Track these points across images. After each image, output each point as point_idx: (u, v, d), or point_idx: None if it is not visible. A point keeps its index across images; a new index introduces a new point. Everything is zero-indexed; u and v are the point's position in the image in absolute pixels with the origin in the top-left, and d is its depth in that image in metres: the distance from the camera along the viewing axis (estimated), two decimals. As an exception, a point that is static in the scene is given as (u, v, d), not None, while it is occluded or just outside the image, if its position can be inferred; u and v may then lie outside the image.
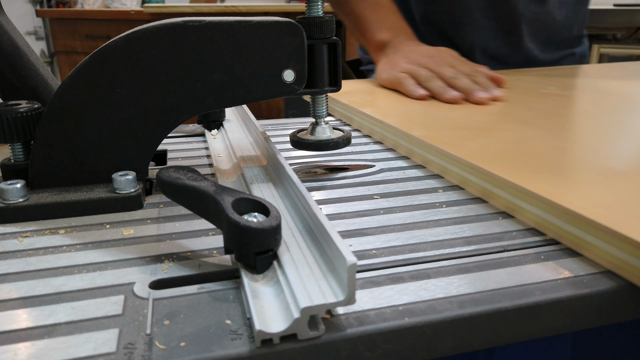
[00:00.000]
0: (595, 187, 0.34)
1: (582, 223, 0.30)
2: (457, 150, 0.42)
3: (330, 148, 0.43)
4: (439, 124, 0.51)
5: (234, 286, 0.27)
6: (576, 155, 0.42)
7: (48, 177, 0.37)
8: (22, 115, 0.36)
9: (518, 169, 0.38)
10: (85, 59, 0.35)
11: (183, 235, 0.33)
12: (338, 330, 0.24)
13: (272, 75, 0.37)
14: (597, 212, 0.29)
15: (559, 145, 0.43)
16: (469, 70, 0.66)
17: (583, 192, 0.33)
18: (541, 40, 0.90)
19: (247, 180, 0.39)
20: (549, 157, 0.40)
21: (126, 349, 0.22)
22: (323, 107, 0.44)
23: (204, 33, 0.35)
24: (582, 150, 0.43)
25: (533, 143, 0.44)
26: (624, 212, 0.30)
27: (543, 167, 0.38)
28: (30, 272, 0.29)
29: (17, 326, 0.24)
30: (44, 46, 3.45)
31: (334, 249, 0.24)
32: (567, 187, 0.34)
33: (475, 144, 0.44)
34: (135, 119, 0.36)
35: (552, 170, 0.38)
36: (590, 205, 0.30)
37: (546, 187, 0.33)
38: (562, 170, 0.38)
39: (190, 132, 0.58)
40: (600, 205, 0.30)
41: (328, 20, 0.40)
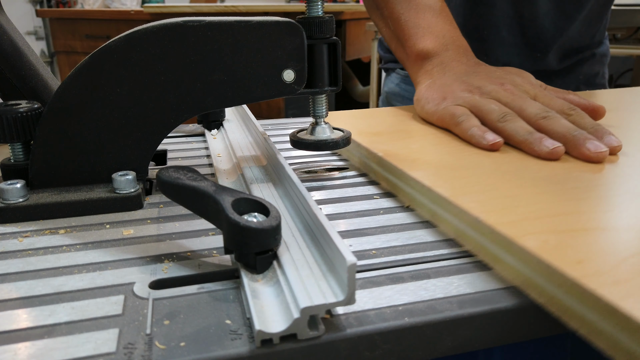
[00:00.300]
0: (519, 204, 0.32)
1: (492, 235, 0.29)
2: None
3: (330, 148, 0.43)
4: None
5: (233, 286, 0.27)
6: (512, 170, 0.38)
7: (48, 177, 0.37)
8: (22, 115, 0.36)
9: (445, 179, 0.36)
10: (85, 59, 0.35)
11: (183, 235, 0.33)
12: (338, 330, 0.24)
13: (272, 75, 0.37)
14: (506, 227, 0.28)
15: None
16: (561, 105, 0.46)
17: (504, 209, 0.31)
18: (563, 52, 0.81)
19: (247, 180, 0.39)
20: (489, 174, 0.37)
21: (126, 349, 0.22)
22: (323, 107, 0.44)
23: (203, 33, 0.35)
24: (518, 168, 0.38)
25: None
26: (531, 228, 0.29)
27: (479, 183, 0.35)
28: (30, 272, 0.29)
29: (17, 326, 0.24)
30: (44, 46, 3.45)
31: (334, 249, 0.24)
32: (491, 204, 0.32)
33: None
34: (135, 119, 0.36)
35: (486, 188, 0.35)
36: (503, 221, 0.29)
37: (466, 200, 0.32)
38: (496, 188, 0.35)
39: (190, 132, 0.58)
40: (513, 222, 0.29)
41: (328, 20, 0.40)
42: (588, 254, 0.26)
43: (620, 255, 0.26)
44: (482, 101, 0.46)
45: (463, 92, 0.49)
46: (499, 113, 0.44)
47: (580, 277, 0.24)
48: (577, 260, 0.25)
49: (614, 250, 0.26)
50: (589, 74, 0.82)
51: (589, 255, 0.26)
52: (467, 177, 0.37)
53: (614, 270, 0.24)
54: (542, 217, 0.30)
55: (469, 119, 0.45)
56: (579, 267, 0.24)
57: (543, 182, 0.35)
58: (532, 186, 0.35)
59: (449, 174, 0.37)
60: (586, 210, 0.31)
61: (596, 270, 0.24)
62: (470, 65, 0.54)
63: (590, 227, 0.29)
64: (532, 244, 0.27)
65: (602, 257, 0.26)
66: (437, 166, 0.39)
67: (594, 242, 0.27)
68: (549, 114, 0.43)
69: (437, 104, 0.50)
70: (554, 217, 0.30)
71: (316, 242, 0.28)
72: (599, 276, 0.24)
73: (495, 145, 0.42)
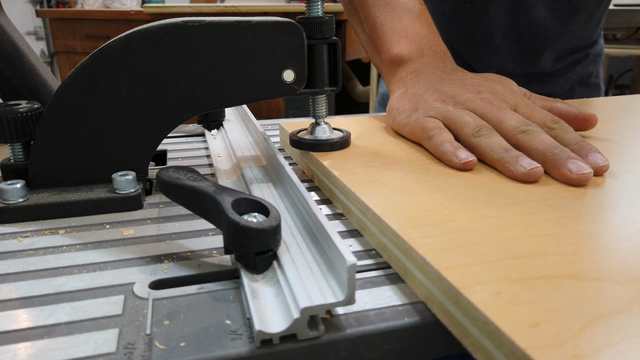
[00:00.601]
0: (478, 241, 0.28)
1: (438, 282, 0.25)
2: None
3: (330, 148, 0.43)
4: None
5: (233, 286, 0.27)
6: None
7: (48, 177, 0.37)
8: (22, 115, 0.36)
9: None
10: (85, 59, 0.35)
11: (183, 236, 0.33)
12: (338, 330, 0.24)
13: (272, 75, 0.37)
14: (455, 273, 0.24)
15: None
16: (543, 117, 0.42)
17: (458, 247, 0.27)
18: (557, 54, 0.79)
19: (247, 180, 0.39)
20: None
21: (126, 349, 0.22)
22: (323, 107, 0.44)
23: (203, 33, 0.35)
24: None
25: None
26: (485, 274, 0.24)
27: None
28: (30, 272, 0.29)
29: (17, 326, 0.24)
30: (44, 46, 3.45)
31: (334, 249, 0.24)
32: (444, 241, 0.28)
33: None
34: (135, 119, 0.36)
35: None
36: (452, 264, 0.25)
37: (417, 234, 0.28)
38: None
39: (190, 132, 0.58)
40: (463, 266, 0.25)
41: (328, 20, 0.40)
42: (549, 313, 0.21)
43: (589, 315, 0.21)
44: (456, 113, 0.42)
45: (436, 102, 0.44)
46: (473, 126, 0.40)
47: (530, 347, 0.19)
48: (532, 322, 0.20)
49: (583, 308, 0.21)
50: (584, 74, 0.82)
51: (549, 315, 0.21)
52: (427, 204, 0.32)
53: (575, 339, 0.19)
54: (503, 259, 0.25)
55: (440, 133, 0.41)
56: (533, 332, 0.20)
57: (512, 212, 0.31)
58: (499, 215, 0.30)
59: (407, 200, 0.33)
60: (555, 251, 0.26)
61: (553, 338, 0.19)
62: (446, 72, 0.50)
63: (558, 274, 0.24)
64: (482, 298, 0.22)
65: (565, 318, 0.21)
66: (396, 189, 0.35)
67: (558, 296, 0.22)
68: (528, 128, 0.39)
69: (408, 115, 0.45)
70: (516, 259, 0.25)
71: (316, 242, 0.28)
72: (556, 347, 0.19)
73: (468, 165, 0.37)
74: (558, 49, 0.78)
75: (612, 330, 0.20)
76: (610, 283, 0.23)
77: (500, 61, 0.77)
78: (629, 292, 0.22)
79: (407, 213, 0.31)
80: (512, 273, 0.24)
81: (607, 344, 0.19)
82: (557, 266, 0.25)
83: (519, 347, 0.19)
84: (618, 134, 0.48)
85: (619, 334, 0.20)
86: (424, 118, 0.44)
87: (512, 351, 0.20)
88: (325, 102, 0.44)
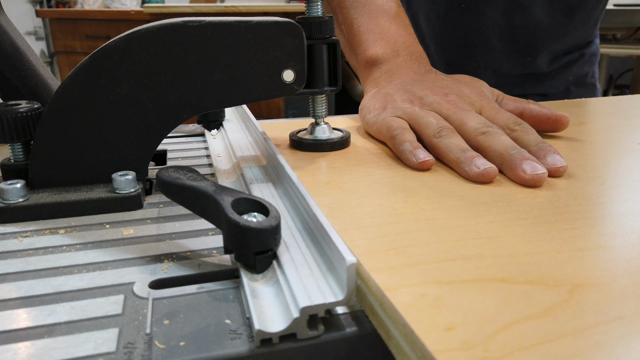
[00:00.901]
0: (416, 243, 0.27)
1: (368, 282, 0.24)
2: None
3: (330, 148, 0.43)
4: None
5: (233, 286, 0.27)
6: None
7: (48, 177, 0.37)
8: (22, 115, 0.36)
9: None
10: (85, 59, 0.35)
11: (183, 235, 0.33)
12: (337, 329, 0.24)
13: (271, 75, 0.37)
14: (383, 274, 0.24)
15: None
16: (506, 120, 0.42)
17: (392, 249, 0.27)
18: (554, 55, 0.79)
19: (247, 180, 0.39)
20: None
21: (126, 348, 0.22)
22: (322, 107, 0.44)
23: (203, 33, 0.35)
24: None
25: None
26: (414, 276, 0.24)
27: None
28: (30, 272, 0.29)
29: (17, 326, 0.24)
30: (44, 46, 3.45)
31: (334, 248, 0.24)
32: (380, 242, 0.28)
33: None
34: (135, 118, 0.36)
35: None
36: (382, 266, 0.25)
37: (355, 235, 0.28)
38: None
39: (190, 132, 0.58)
40: (394, 267, 0.25)
41: (327, 20, 0.40)
42: (467, 316, 0.21)
43: (507, 319, 0.21)
44: (421, 113, 0.43)
45: (403, 103, 0.45)
46: (435, 127, 0.41)
47: (439, 350, 0.19)
48: (447, 325, 0.20)
49: (503, 311, 0.21)
50: (579, 74, 0.81)
51: (467, 318, 0.21)
52: (376, 205, 0.32)
53: (486, 343, 0.19)
54: (436, 261, 0.25)
55: (403, 132, 0.41)
56: (445, 335, 0.20)
57: (459, 214, 0.31)
58: (445, 218, 0.30)
59: (357, 201, 0.33)
60: (491, 254, 0.26)
61: (464, 342, 0.19)
62: (419, 73, 0.50)
63: (488, 277, 0.24)
64: (404, 300, 0.22)
65: (482, 321, 0.20)
66: (348, 190, 0.35)
67: (481, 300, 0.22)
68: (488, 130, 0.39)
69: (376, 114, 0.46)
70: (450, 261, 0.25)
71: (316, 241, 0.28)
72: (465, 351, 0.19)
73: (424, 165, 0.38)
74: (554, 50, 0.78)
75: (527, 334, 0.20)
76: (538, 286, 0.23)
77: (495, 62, 0.76)
78: (556, 296, 0.22)
79: (353, 214, 0.31)
80: (442, 275, 0.24)
81: (518, 348, 0.19)
82: (489, 269, 0.25)
83: (428, 351, 0.19)
84: (591, 135, 0.48)
85: (534, 339, 0.19)
86: (390, 118, 0.44)
87: (423, 354, 0.19)
88: (325, 102, 0.44)
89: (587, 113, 0.59)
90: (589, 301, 0.22)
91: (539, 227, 0.29)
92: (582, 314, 0.21)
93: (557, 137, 0.48)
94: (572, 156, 0.42)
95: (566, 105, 0.63)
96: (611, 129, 0.50)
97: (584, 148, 0.44)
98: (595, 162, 0.40)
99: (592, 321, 0.21)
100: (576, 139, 0.46)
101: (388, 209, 0.32)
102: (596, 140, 0.46)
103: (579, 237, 0.28)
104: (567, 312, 0.21)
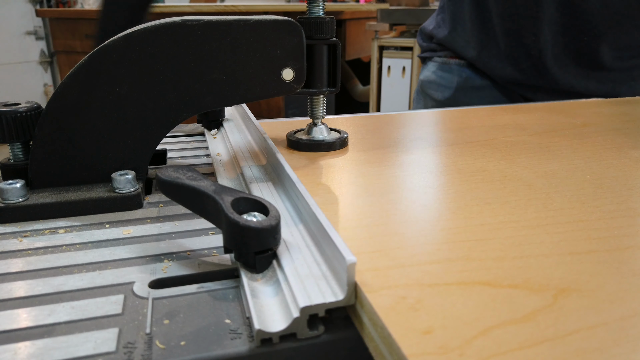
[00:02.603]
0: (404, 244, 0.27)
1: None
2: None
3: (327, 149, 0.43)
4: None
5: (233, 285, 0.27)
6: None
7: (48, 176, 0.37)
8: (22, 115, 0.36)
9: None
10: (85, 58, 0.35)
11: (182, 235, 0.33)
12: (337, 329, 0.24)
13: (271, 74, 0.37)
14: (365, 275, 0.24)
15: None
16: None
17: (380, 250, 0.27)
18: (617, 45, 0.75)
19: (247, 179, 0.39)
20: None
21: (126, 348, 0.22)
22: (321, 107, 0.44)
23: (202, 32, 0.35)
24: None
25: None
26: (398, 278, 0.24)
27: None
28: (30, 271, 0.29)
29: (17, 325, 0.24)
30: (44, 46, 3.45)
31: (334, 248, 0.24)
32: (369, 243, 0.27)
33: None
34: (135, 118, 0.36)
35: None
36: (366, 267, 0.25)
37: (346, 235, 0.28)
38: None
39: (190, 132, 0.58)
40: (377, 269, 0.25)
41: (328, 21, 0.40)
42: (447, 320, 0.20)
43: (488, 323, 0.20)
44: None
45: None
46: None
47: (415, 354, 0.18)
48: (426, 329, 0.20)
49: (484, 315, 0.21)
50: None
51: (446, 322, 0.20)
52: (367, 206, 0.32)
53: (463, 347, 0.19)
54: (421, 263, 0.25)
55: None
56: (423, 339, 0.19)
57: (450, 216, 0.31)
58: (434, 220, 0.30)
59: (346, 202, 0.33)
60: (478, 257, 0.26)
61: (440, 346, 0.19)
62: None
63: (472, 280, 0.23)
64: (383, 302, 0.22)
65: (461, 325, 0.20)
66: (341, 190, 0.35)
67: (463, 303, 0.22)
68: None
69: None
70: (435, 264, 0.25)
71: (316, 241, 0.28)
72: (441, 355, 0.19)
73: None
74: (618, 38, 0.74)
75: (506, 339, 0.19)
76: (522, 291, 0.23)
77: (553, 37, 0.74)
78: (539, 300, 0.22)
79: (343, 215, 0.31)
80: (425, 278, 0.24)
81: (495, 353, 0.19)
82: (474, 272, 0.24)
83: (403, 354, 0.19)
84: (602, 138, 0.48)
85: (512, 344, 0.19)
86: None
87: (399, 358, 0.19)
88: (323, 102, 0.44)
89: (591, 115, 0.58)
90: (573, 307, 0.22)
91: (530, 230, 0.29)
92: (564, 319, 0.21)
93: (562, 137, 0.48)
94: (571, 158, 0.42)
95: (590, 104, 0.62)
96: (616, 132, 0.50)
97: (584, 150, 0.44)
98: (594, 164, 0.40)
99: (574, 327, 0.20)
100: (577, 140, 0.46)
101: (378, 210, 0.32)
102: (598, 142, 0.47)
103: (570, 241, 0.28)
104: (549, 317, 0.21)
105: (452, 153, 0.44)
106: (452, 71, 0.85)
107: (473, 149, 0.45)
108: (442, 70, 0.87)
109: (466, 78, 0.83)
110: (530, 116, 0.57)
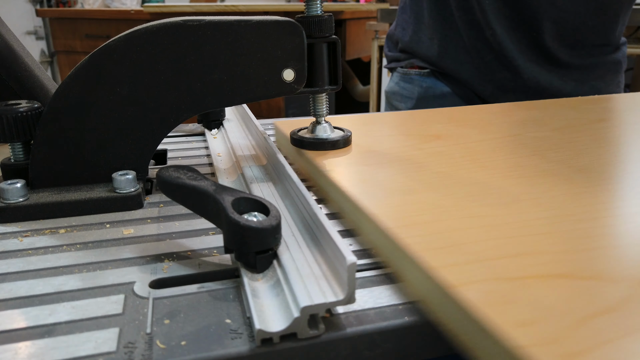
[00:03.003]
0: (468, 240, 0.27)
1: (431, 281, 0.24)
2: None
3: (331, 147, 0.43)
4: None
5: (234, 285, 0.27)
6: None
7: (48, 176, 0.37)
8: (22, 114, 0.36)
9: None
10: (85, 58, 0.35)
11: (183, 235, 0.33)
12: (338, 329, 0.24)
13: (271, 75, 0.37)
14: (447, 272, 0.24)
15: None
16: None
17: (449, 246, 0.27)
18: (569, 43, 0.76)
19: (247, 179, 0.39)
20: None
21: (126, 348, 0.22)
22: (323, 106, 0.44)
23: (203, 32, 0.35)
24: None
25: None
26: (477, 273, 0.24)
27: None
28: (31, 271, 0.29)
29: (17, 325, 0.24)
30: (44, 46, 3.45)
31: (334, 248, 0.24)
32: (436, 240, 0.27)
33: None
34: (135, 118, 0.36)
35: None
36: (445, 263, 0.25)
37: (409, 233, 0.28)
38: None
39: (190, 132, 0.58)
40: (456, 265, 0.25)
41: (327, 19, 0.40)
42: (541, 311, 0.21)
43: (581, 313, 0.21)
44: None
45: None
46: None
47: (521, 346, 0.19)
48: (524, 321, 0.20)
49: (575, 306, 0.21)
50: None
51: (542, 313, 0.21)
52: (418, 203, 0.32)
53: (567, 337, 0.19)
54: (493, 258, 0.25)
55: None
56: (524, 331, 0.20)
57: (504, 211, 0.30)
58: (490, 215, 0.30)
59: (399, 199, 0.33)
60: (548, 250, 0.26)
61: (543, 338, 0.19)
62: None
63: (551, 273, 0.24)
64: (472, 297, 0.22)
65: (558, 316, 0.20)
66: (388, 188, 0.35)
67: (551, 295, 0.22)
68: None
69: None
70: (507, 258, 0.25)
71: (316, 241, 0.28)
72: (546, 345, 0.19)
73: None
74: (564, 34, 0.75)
75: (603, 328, 0.20)
76: (604, 282, 0.23)
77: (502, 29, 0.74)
78: (623, 290, 0.22)
79: (398, 212, 0.31)
80: (503, 272, 0.24)
81: (600, 342, 0.19)
82: (550, 265, 0.24)
83: (513, 346, 0.19)
84: (619, 133, 0.48)
85: (610, 333, 0.20)
86: None
87: (504, 350, 0.19)
88: (325, 101, 0.44)
89: (605, 110, 0.58)
90: None
91: (586, 223, 0.29)
92: None
93: (581, 132, 0.48)
94: (602, 153, 0.41)
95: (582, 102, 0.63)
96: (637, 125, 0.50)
97: (612, 146, 0.44)
98: (628, 159, 0.40)
99: None
100: (601, 137, 0.46)
101: (431, 206, 0.32)
102: (625, 137, 0.47)
103: (635, 232, 0.28)
104: (637, 306, 0.21)
105: (481, 149, 0.43)
106: (413, 81, 0.84)
107: (501, 144, 0.44)
108: (403, 81, 0.86)
109: (427, 88, 0.83)
110: (545, 112, 0.57)
